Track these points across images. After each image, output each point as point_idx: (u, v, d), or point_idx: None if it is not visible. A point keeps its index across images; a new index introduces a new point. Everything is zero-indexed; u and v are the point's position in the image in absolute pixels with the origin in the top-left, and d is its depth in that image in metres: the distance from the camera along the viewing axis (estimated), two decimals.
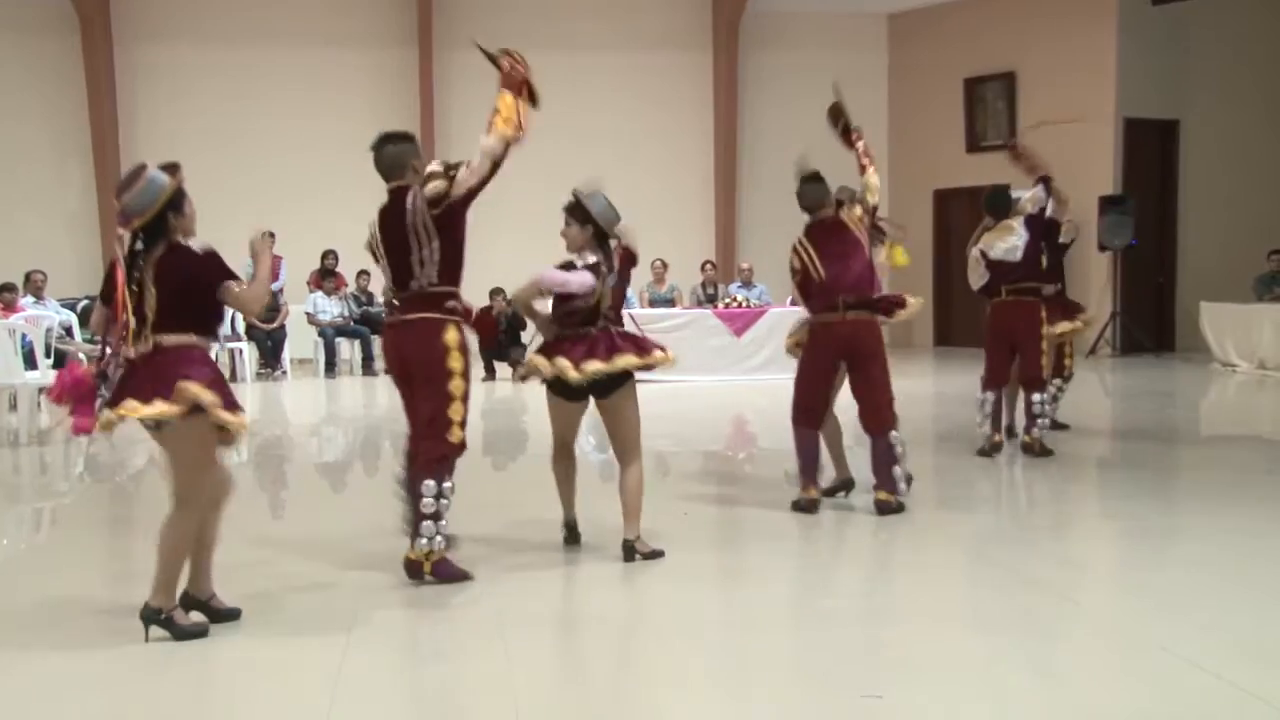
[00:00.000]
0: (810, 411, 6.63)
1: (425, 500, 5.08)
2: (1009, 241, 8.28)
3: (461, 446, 5.16)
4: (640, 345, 5.57)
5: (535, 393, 6.07)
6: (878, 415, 6.53)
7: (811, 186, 6.80)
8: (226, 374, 14.73)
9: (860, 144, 7.17)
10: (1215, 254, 16.18)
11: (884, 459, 6.55)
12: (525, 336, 14.20)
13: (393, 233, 5.24)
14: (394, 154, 5.37)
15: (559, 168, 16.81)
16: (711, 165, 17.95)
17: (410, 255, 5.17)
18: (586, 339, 5.45)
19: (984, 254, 8.34)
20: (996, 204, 8.65)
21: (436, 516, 5.09)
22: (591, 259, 5.55)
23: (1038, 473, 8.08)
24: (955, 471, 8.10)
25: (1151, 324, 16.54)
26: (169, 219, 4.66)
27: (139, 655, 4.39)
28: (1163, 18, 14.78)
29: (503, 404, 12.82)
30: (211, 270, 4.62)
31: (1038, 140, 16.64)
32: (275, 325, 15.41)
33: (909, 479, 6.78)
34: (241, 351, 15.10)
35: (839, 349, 6.57)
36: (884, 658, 4.33)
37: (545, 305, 5.66)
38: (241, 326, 15.18)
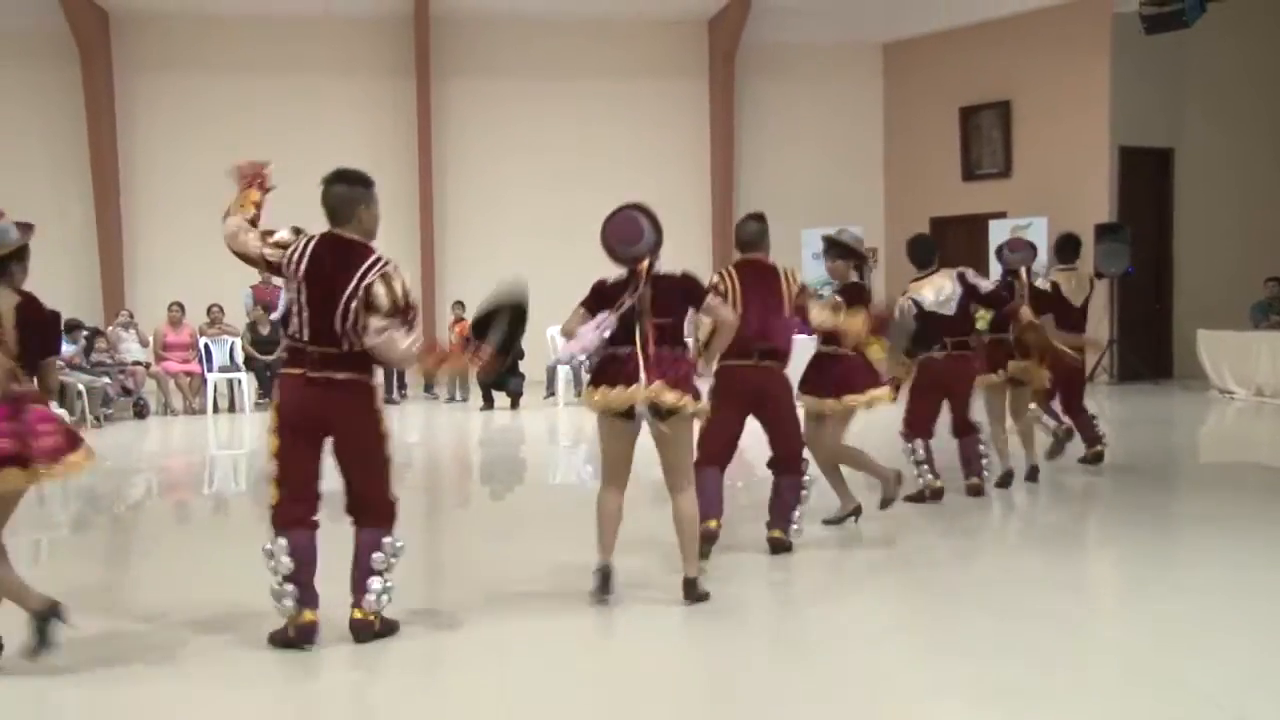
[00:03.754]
0: (705, 450, 6.34)
1: (378, 557, 4.97)
2: (944, 293, 8.12)
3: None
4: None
5: (532, 422, 6.02)
6: (787, 461, 6.49)
7: (754, 224, 6.71)
8: (225, 404, 14.87)
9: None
10: (1212, 281, 16.20)
11: (783, 498, 6.48)
12: (523, 365, 14.18)
13: (326, 282, 4.96)
14: (344, 195, 5.26)
15: (562, 191, 17.03)
16: (708, 188, 18.04)
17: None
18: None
19: (916, 303, 8.13)
20: (918, 252, 8.51)
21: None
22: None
23: (1031, 498, 8.07)
24: (947, 498, 8.05)
25: (1149, 351, 16.55)
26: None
27: None
28: (1156, 47, 14.81)
29: (500, 434, 12.77)
30: None
31: (1034, 174, 16.80)
32: (274, 357, 15.38)
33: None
34: (240, 382, 15.09)
35: (747, 396, 6.43)
36: (875, 687, 4.31)
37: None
38: (241, 357, 15.17)
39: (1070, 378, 8.98)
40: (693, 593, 5.33)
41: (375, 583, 4.91)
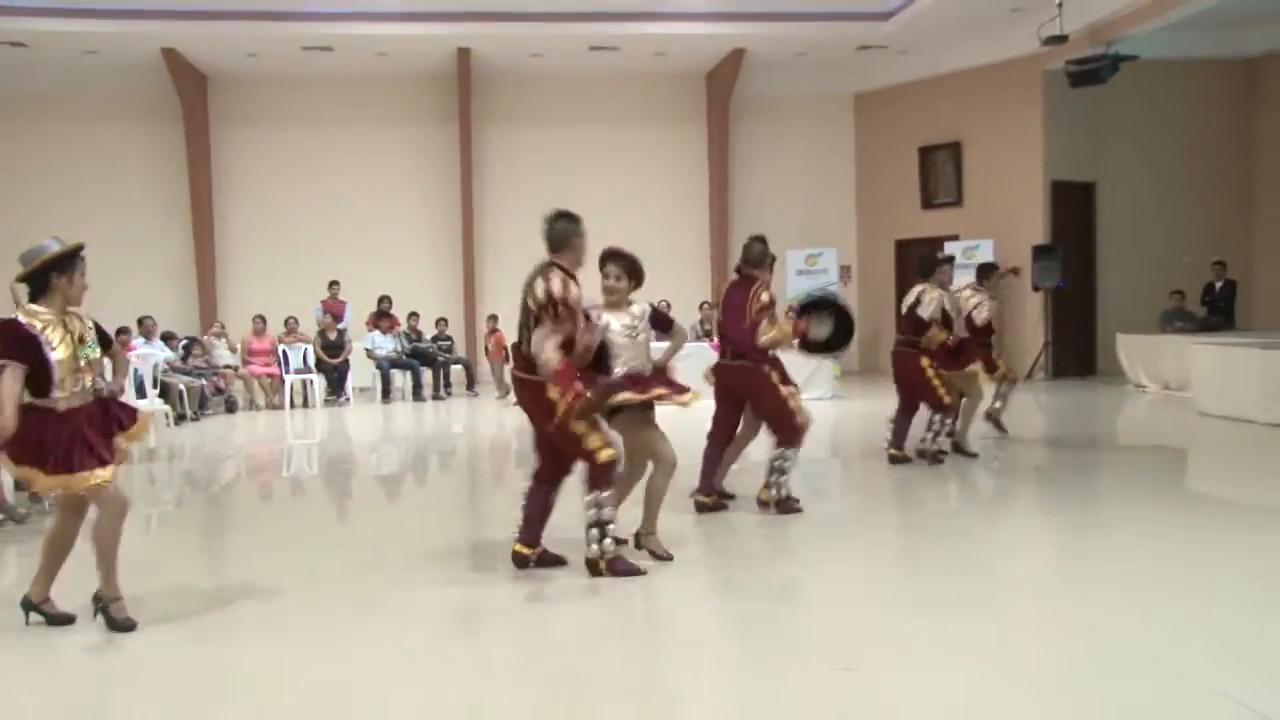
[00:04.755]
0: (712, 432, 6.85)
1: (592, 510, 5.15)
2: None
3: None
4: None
5: None
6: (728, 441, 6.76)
7: (757, 246, 6.75)
8: (300, 401, 14.97)
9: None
10: (1128, 293, 16.22)
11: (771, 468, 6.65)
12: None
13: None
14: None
15: (584, 220, 17.05)
16: (707, 219, 18.02)
17: None
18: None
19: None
20: (925, 266, 8.65)
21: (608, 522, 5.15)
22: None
23: (980, 476, 8.11)
24: (910, 476, 8.11)
25: (1077, 352, 16.55)
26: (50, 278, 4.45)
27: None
28: (1080, 98, 14.87)
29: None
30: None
31: (982, 203, 16.84)
32: (340, 360, 15.50)
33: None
34: (312, 382, 15.19)
35: (729, 389, 6.70)
36: (854, 637, 4.35)
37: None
38: (312, 361, 15.27)
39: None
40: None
41: (594, 532, 5.17)
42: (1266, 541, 5.82)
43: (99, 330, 4.66)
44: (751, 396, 6.63)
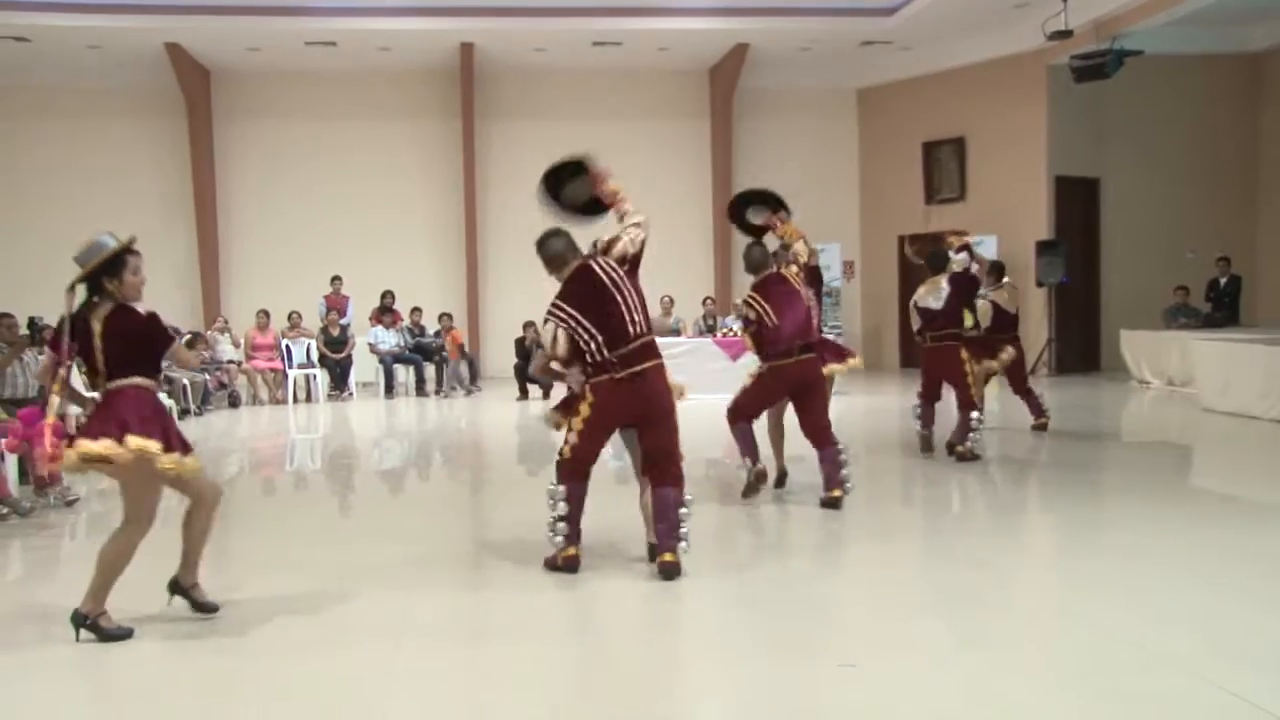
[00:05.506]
0: (741, 413, 6.93)
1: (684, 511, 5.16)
2: (938, 295, 8.33)
3: None
4: None
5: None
6: (824, 434, 6.68)
7: (756, 250, 6.86)
8: (303, 395, 14.98)
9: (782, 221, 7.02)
10: (1132, 289, 16.21)
11: (833, 465, 6.65)
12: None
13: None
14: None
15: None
16: (710, 215, 18.00)
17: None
18: None
19: (915, 304, 8.47)
20: (935, 261, 8.66)
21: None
22: None
23: (987, 473, 8.11)
24: (917, 472, 8.11)
25: (1081, 348, 16.53)
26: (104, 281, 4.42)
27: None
28: (1084, 93, 14.84)
29: (535, 419, 12.83)
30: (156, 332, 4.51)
31: (985, 198, 16.82)
32: (343, 355, 15.50)
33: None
34: (315, 376, 15.20)
35: (791, 385, 6.72)
36: (857, 633, 4.35)
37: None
38: (315, 356, 15.28)
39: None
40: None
41: (683, 530, 5.19)
42: (1271, 539, 5.80)
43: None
44: (813, 391, 6.74)
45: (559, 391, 14.71)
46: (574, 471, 5.15)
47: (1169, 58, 15.58)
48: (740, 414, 6.93)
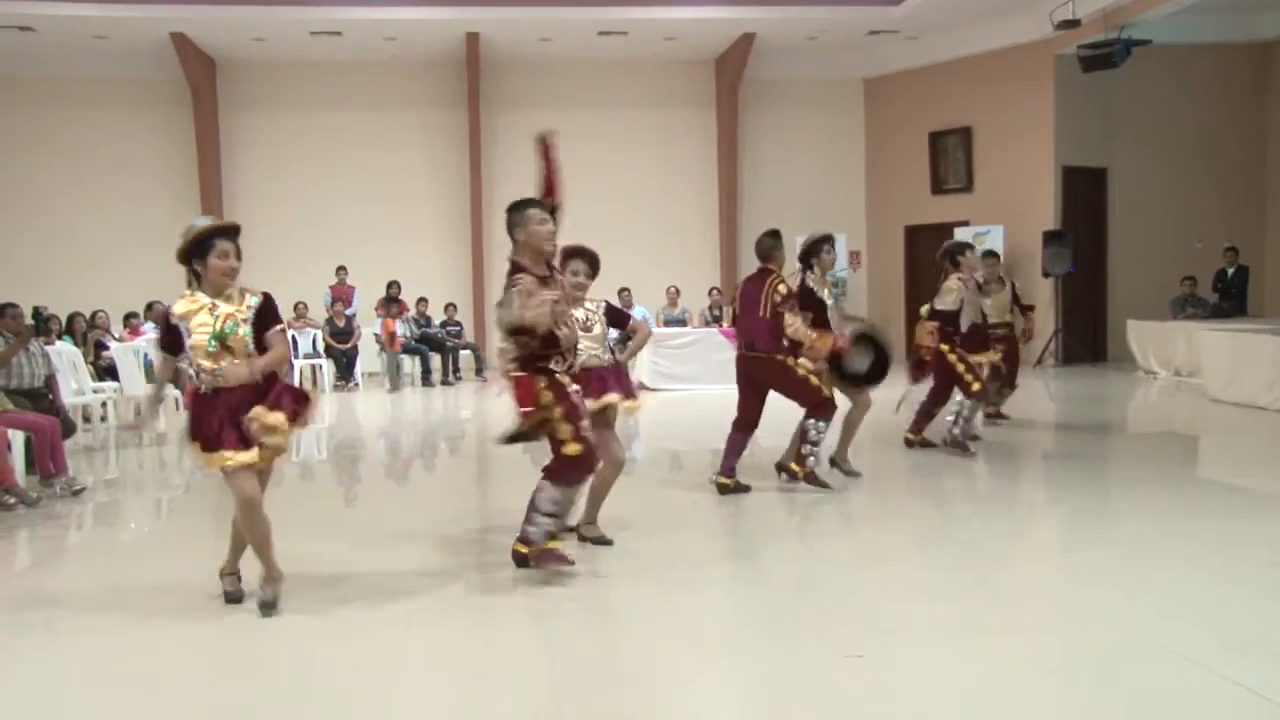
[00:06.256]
0: (736, 420, 6.98)
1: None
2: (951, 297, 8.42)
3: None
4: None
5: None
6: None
7: (766, 240, 6.92)
8: (309, 386, 14.99)
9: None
10: (1139, 279, 16.16)
11: (798, 440, 6.86)
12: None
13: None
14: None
15: (592, 205, 17.03)
16: (716, 205, 17.98)
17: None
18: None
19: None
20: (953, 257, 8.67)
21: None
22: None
23: (990, 463, 8.10)
24: (917, 465, 8.10)
25: (1087, 338, 16.50)
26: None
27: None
28: (1092, 83, 14.80)
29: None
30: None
31: (992, 188, 16.77)
32: (349, 345, 15.52)
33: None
34: (321, 367, 15.22)
35: (749, 379, 6.84)
36: (864, 623, 4.34)
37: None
38: (321, 346, 15.29)
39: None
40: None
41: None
42: (1277, 529, 5.79)
43: (259, 313, 4.53)
44: (773, 383, 6.79)
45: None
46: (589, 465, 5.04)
47: (1177, 47, 15.52)
48: (734, 422, 6.99)
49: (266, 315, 4.54)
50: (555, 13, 15.78)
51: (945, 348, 8.34)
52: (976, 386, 8.28)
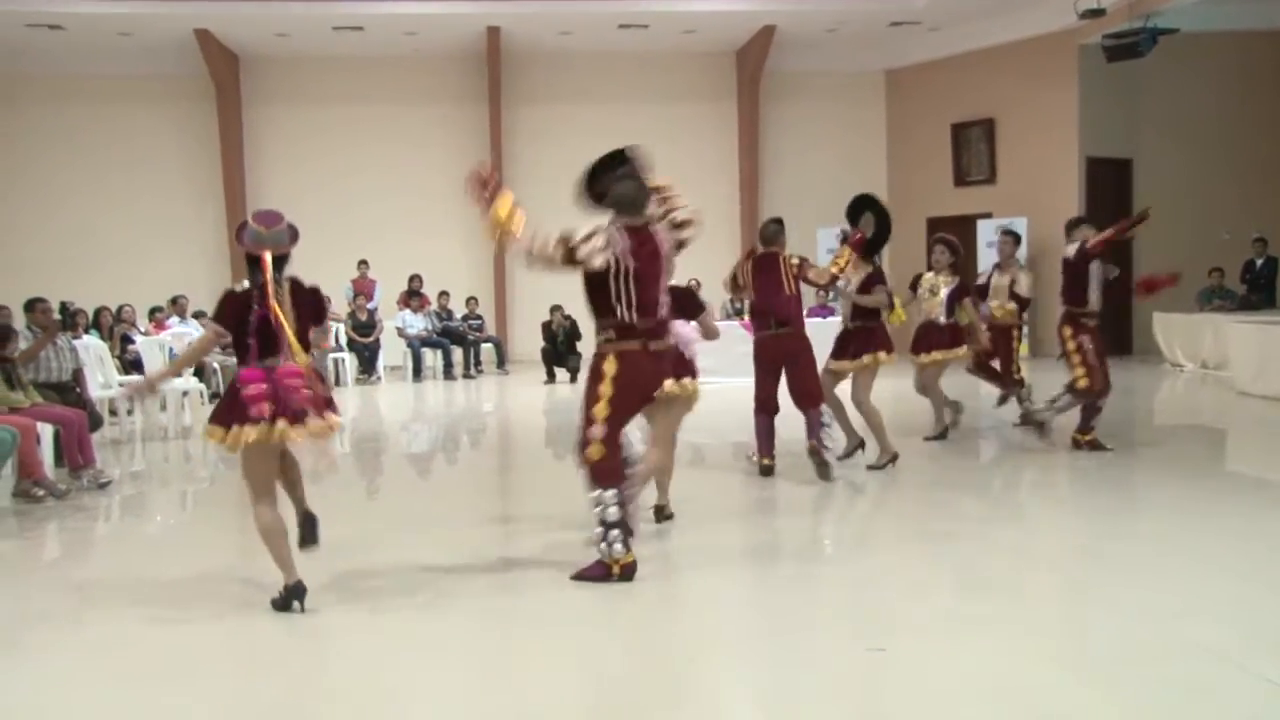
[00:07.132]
0: (756, 401, 7.18)
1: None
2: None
3: None
4: None
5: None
6: (807, 398, 6.96)
7: (772, 225, 7.24)
8: (331, 380, 15.06)
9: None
10: (1165, 271, 15.94)
11: (814, 424, 6.93)
12: (581, 346, 14.26)
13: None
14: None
15: None
16: (737, 197, 17.95)
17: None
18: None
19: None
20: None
21: None
22: None
23: (1012, 456, 8.05)
24: (944, 455, 8.07)
25: (1112, 330, 16.32)
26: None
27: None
28: (1117, 73, 14.65)
29: (563, 402, 12.87)
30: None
31: (1015, 180, 16.67)
32: (371, 339, 15.58)
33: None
34: (343, 360, 15.28)
35: (776, 358, 6.99)
36: (886, 617, 4.33)
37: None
38: (344, 340, 15.35)
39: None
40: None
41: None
42: None
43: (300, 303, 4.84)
44: (798, 362, 6.92)
45: (567, 376, 14.69)
46: (614, 470, 4.74)
47: (1203, 35, 15.32)
48: (756, 403, 7.16)
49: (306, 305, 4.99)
50: (576, 6, 15.78)
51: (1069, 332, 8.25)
52: (1084, 383, 8.01)
